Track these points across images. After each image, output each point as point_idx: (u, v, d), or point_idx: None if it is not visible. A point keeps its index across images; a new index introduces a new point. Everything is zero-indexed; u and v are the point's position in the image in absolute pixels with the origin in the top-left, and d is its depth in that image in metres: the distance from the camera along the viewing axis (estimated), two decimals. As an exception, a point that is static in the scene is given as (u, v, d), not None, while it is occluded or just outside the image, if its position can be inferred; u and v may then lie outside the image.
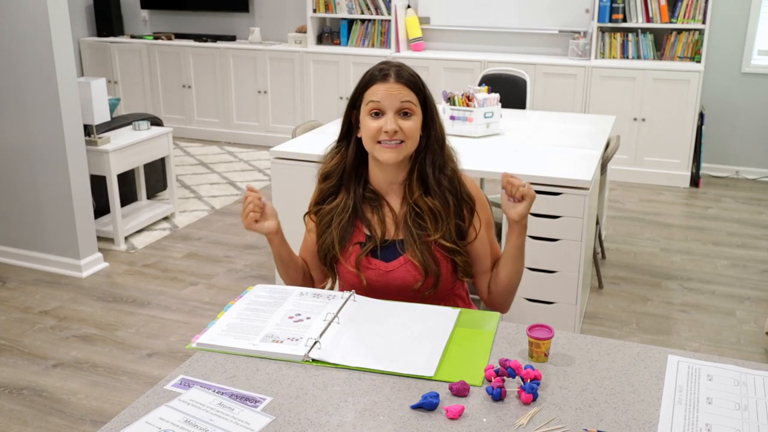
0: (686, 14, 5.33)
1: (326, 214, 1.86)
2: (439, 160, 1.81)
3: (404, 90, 1.75)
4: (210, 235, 4.51)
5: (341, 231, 1.83)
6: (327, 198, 1.87)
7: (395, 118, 1.74)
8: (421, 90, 1.78)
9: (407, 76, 1.77)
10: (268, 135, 6.57)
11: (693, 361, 1.51)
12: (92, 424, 2.65)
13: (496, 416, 1.33)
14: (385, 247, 1.82)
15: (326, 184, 1.87)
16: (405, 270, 1.80)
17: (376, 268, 1.82)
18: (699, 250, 4.29)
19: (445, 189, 1.80)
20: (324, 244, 1.86)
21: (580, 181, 2.90)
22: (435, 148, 1.81)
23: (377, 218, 1.83)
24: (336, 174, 1.85)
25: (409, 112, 1.75)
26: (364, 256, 1.82)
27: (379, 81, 1.76)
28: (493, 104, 3.59)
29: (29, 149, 3.81)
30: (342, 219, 1.83)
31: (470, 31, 6.14)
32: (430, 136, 1.81)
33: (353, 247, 1.84)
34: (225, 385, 1.43)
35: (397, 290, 1.81)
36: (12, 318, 3.45)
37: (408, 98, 1.75)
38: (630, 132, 5.47)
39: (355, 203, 1.83)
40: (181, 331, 3.33)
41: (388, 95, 1.74)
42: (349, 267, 1.83)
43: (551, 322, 1.91)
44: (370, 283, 1.81)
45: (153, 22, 7.22)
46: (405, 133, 1.74)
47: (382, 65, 1.79)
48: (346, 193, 1.85)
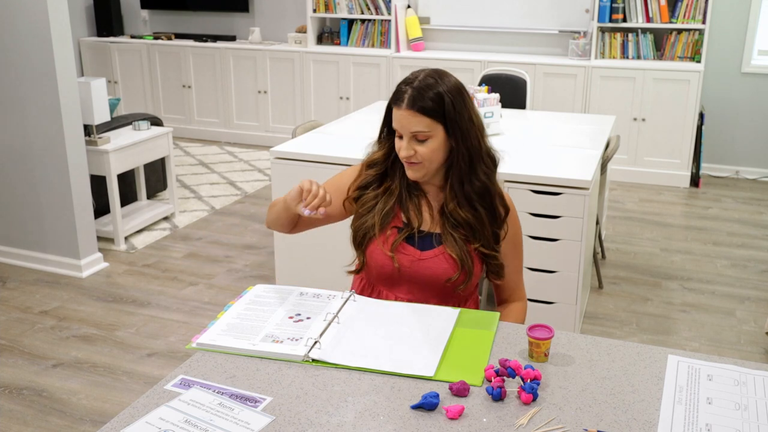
0: (686, 14, 5.33)
1: (370, 199, 1.89)
2: (467, 176, 1.80)
3: (416, 118, 1.73)
4: (210, 235, 4.51)
5: (384, 215, 1.85)
6: (369, 185, 1.90)
7: (410, 143, 1.75)
8: (440, 113, 1.74)
9: (421, 102, 1.72)
10: (268, 135, 6.57)
11: (693, 361, 1.51)
12: (92, 424, 2.65)
13: (496, 416, 1.33)
14: (422, 236, 1.85)
15: (370, 171, 1.90)
16: (438, 261, 1.82)
17: (410, 255, 1.83)
18: (699, 250, 4.29)
19: (476, 202, 1.82)
20: (363, 226, 1.88)
21: (580, 181, 2.90)
22: (461, 165, 1.79)
23: (415, 208, 1.86)
24: (381, 163, 1.88)
25: (422, 138, 1.75)
26: (400, 242, 1.84)
27: (395, 104, 1.77)
28: (493, 104, 3.59)
29: (29, 149, 3.81)
30: (387, 204, 1.86)
31: (470, 31, 6.14)
32: (458, 153, 1.78)
33: (391, 231, 1.86)
34: (225, 385, 1.43)
35: (426, 280, 1.83)
36: (12, 318, 3.45)
37: (419, 127, 1.73)
38: (630, 132, 5.47)
39: (400, 190, 1.87)
40: (181, 331, 3.33)
41: (401, 123, 1.75)
42: (385, 250, 1.84)
43: (551, 322, 1.91)
44: (402, 269, 1.83)
45: (153, 22, 7.22)
46: (420, 156, 1.76)
47: (403, 84, 1.77)
48: (391, 181, 1.88)
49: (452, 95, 1.74)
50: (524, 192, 2.98)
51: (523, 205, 2.99)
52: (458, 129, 1.76)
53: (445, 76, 1.78)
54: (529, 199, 2.98)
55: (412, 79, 1.77)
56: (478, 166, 1.80)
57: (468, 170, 1.80)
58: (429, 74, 1.77)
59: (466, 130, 1.77)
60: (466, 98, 1.78)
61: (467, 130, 1.77)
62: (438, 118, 1.74)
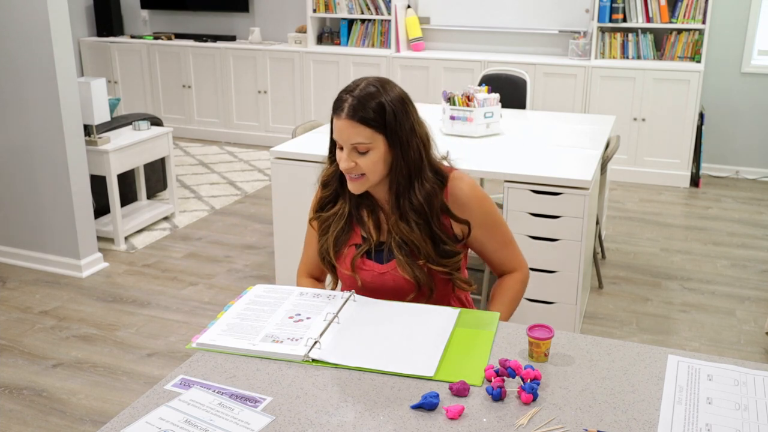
0: (686, 14, 5.33)
1: (324, 221, 1.87)
2: (405, 191, 1.75)
3: (356, 128, 1.66)
4: (210, 235, 4.51)
5: (336, 236, 1.84)
6: (326, 205, 1.88)
7: (350, 155, 1.70)
8: (381, 124, 1.67)
9: (362, 112, 1.66)
10: (268, 135, 6.57)
11: (693, 361, 1.51)
12: (92, 424, 2.65)
13: (496, 416, 1.33)
14: (380, 249, 1.82)
15: (325, 191, 1.87)
16: (397, 273, 1.80)
17: (370, 270, 1.83)
18: (699, 250, 4.29)
19: (412, 219, 1.75)
20: (322, 248, 1.88)
21: (580, 181, 2.90)
22: (399, 179, 1.74)
23: (373, 221, 1.83)
24: (333, 182, 1.85)
25: (363, 150, 1.69)
26: (359, 258, 1.82)
27: (335, 114, 1.70)
28: (493, 104, 3.59)
29: (29, 149, 3.81)
30: (338, 226, 1.84)
31: (470, 31, 6.14)
32: (397, 167, 1.72)
33: (349, 249, 1.84)
34: (225, 385, 1.43)
35: (392, 291, 1.82)
36: (12, 318, 3.45)
37: (359, 138, 1.67)
38: (630, 132, 5.47)
39: (350, 211, 1.83)
40: (181, 331, 3.33)
41: (341, 133, 1.69)
42: (343, 269, 1.84)
43: (551, 322, 1.91)
44: (365, 284, 1.83)
45: (153, 22, 7.22)
46: (361, 168, 1.71)
47: (343, 93, 1.70)
48: (343, 200, 1.85)
49: (394, 105, 1.68)
50: (524, 192, 2.98)
51: (523, 205, 2.99)
52: (398, 140, 1.70)
53: (387, 85, 1.72)
54: (529, 199, 2.98)
55: (353, 87, 1.70)
56: (417, 182, 1.74)
57: (406, 185, 1.74)
58: (371, 83, 1.70)
59: (407, 142, 1.71)
60: (409, 108, 1.73)
61: (408, 141, 1.71)
62: (379, 129, 1.68)
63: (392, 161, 1.73)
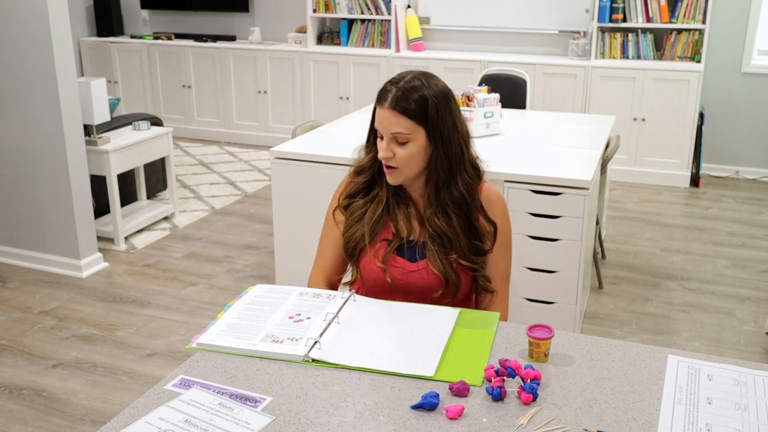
0: (686, 14, 5.33)
1: (359, 208, 1.86)
2: (445, 184, 1.77)
3: (397, 118, 1.70)
4: (210, 235, 4.51)
5: (373, 225, 1.83)
6: (358, 192, 1.87)
7: (390, 145, 1.72)
8: (422, 116, 1.70)
9: (404, 103, 1.69)
10: (268, 135, 6.57)
11: (693, 361, 1.51)
12: (92, 424, 2.65)
13: (496, 416, 1.33)
14: (411, 247, 1.83)
15: (359, 178, 1.87)
16: (427, 272, 1.80)
17: (401, 267, 1.82)
18: (699, 250, 4.29)
19: (452, 211, 1.78)
20: (354, 236, 1.85)
21: (580, 181, 2.90)
22: (440, 172, 1.76)
23: (404, 217, 1.84)
24: (369, 169, 1.85)
25: (402, 141, 1.72)
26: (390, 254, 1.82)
27: (378, 103, 1.73)
28: (493, 104, 3.59)
29: (29, 149, 3.81)
30: (375, 212, 1.83)
31: (470, 31, 6.14)
32: (438, 160, 1.75)
33: (381, 243, 1.84)
34: (225, 385, 1.43)
35: (419, 291, 1.82)
36: (12, 318, 3.45)
37: (399, 129, 1.70)
38: (630, 132, 5.47)
39: (388, 198, 1.84)
40: (181, 331, 3.33)
41: (382, 122, 1.72)
42: (376, 262, 1.82)
43: (551, 322, 1.91)
44: (394, 281, 1.82)
45: (153, 22, 7.22)
46: (398, 160, 1.73)
47: (388, 84, 1.74)
48: (379, 188, 1.85)
49: (437, 99, 1.71)
50: (524, 192, 2.98)
51: (523, 205, 2.99)
52: (440, 134, 1.72)
53: (432, 80, 1.74)
54: (529, 199, 2.98)
55: (399, 79, 1.74)
56: (458, 175, 1.77)
57: (446, 178, 1.76)
58: (416, 76, 1.73)
59: (448, 137, 1.73)
60: (451, 104, 1.75)
61: (449, 136, 1.73)
62: (420, 121, 1.70)
63: (431, 155, 1.75)
